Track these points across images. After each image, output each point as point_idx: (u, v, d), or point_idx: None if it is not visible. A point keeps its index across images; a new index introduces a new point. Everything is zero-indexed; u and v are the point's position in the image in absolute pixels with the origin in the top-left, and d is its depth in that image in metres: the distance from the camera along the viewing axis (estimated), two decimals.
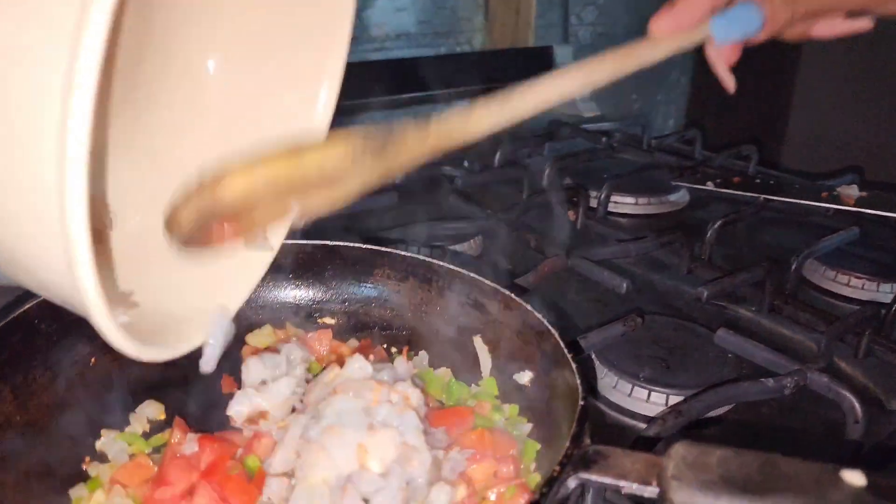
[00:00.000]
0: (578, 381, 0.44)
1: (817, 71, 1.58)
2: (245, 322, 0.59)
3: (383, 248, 0.60)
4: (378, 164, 0.42)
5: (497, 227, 0.92)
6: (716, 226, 0.94)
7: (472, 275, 0.56)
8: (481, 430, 0.47)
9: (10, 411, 0.46)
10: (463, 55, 1.51)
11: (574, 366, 0.46)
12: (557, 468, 0.37)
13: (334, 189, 0.41)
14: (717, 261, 0.93)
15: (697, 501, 0.33)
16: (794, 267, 0.86)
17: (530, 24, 1.55)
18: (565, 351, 0.47)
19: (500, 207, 0.98)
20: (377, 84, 1.21)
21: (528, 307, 0.52)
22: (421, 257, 0.59)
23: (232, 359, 0.57)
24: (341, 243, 0.60)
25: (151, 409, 0.51)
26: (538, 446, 0.48)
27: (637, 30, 0.53)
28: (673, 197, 1.15)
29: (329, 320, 0.61)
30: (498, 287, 0.55)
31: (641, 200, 1.13)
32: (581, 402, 0.42)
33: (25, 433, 0.46)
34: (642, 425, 0.58)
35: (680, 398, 0.60)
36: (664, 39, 0.51)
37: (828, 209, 1.03)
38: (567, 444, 0.39)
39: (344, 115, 0.51)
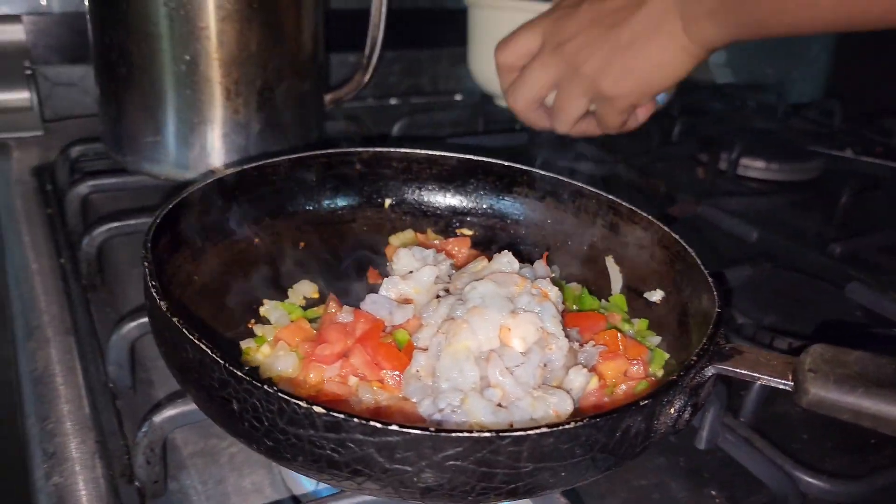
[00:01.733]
0: (715, 294, 0.46)
1: None
2: (389, 225, 0.63)
3: (524, 167, 0.62)
4: None
5: (626, 173, 0.93)
6: (852, 191, 0.92)
7: (609, 196, 0.58)
8: (613, 331, 0.49)
9: (190, 271, 0.51)
10: None
11: (711, 280, 0.47)
12: (695, 358, 0.40)
13: None
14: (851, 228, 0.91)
15: (832, 394, 0.35)
16: None
17: None
18: (702, 268, 0.49)
19: (629, 154, 0.99)
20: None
21: (666, 228, 0.54)
22: (560, 177, 0.61)
23: (377, 258, 0.62)
24: (485, 158, 0.63)
25: (306, 288, 0.56)
26: (667, 356, 0.50)
27: None
28: (807, 164, 1.12)
29: (467, 231, 0.64)
30: (635, 209, 0.57)
31: (773, 165, 1.10)
32: (717, 310, 0.44)
33: (201, 291, 0.51)
34: None
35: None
36: None
37: None
38: (704, 340, 0.41)
39: None
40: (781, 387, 0.37)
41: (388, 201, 0.63)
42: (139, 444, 0.46)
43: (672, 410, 0.38)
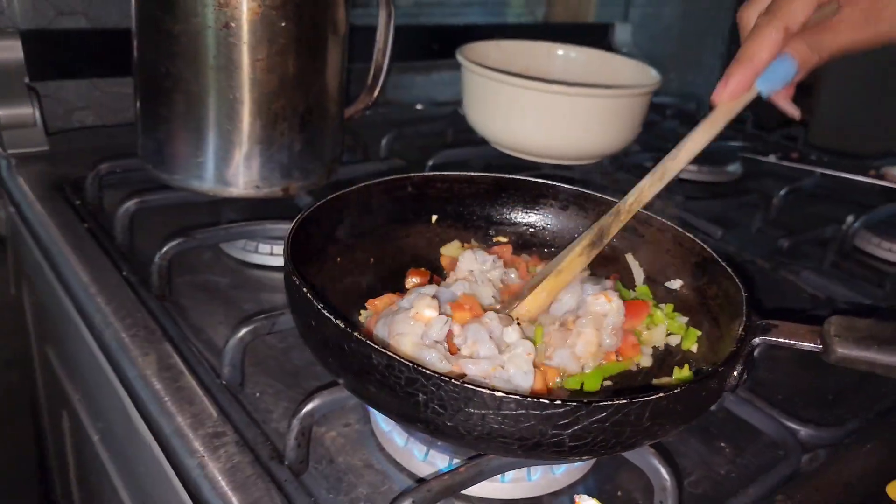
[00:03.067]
0: (737, 280, 0.59)
1: (842, 64, 1.72)
2: (437, 239, 0.74)
3: (549, 182, 0.74)
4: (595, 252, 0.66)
5: (600, 180, 1.07)
6: (782, 192, 1.09)
7: None
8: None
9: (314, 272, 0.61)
10: (523, 26, 1.64)
11: (729, 269, 0.61)
12: (743, 332, 0.53)
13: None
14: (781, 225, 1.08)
15: (853, 352, 0.48)
16: (852, 229, 1.01)
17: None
18: (718, 258, 0.62)
19: (590, 167, 1.13)
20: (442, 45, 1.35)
21: (680, 229, 0.67)
22: (580, 189, 0.73)
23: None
24: (515, 176, 0.74)
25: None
26: (698, 332, 0.63)
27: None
28: (730, 168, 1.30)
29: (502, 239, 0.75)
30: (651, 214, 0.69)
31: (703, 168, 1.28)
32: (745, 293, 0.57)
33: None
34: None
35: None
36: (725, 107, 0.64)
37: (874, 185, 1.18)
38: (743, 319, 0.54)
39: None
40: (813, 349, 0.51)
41: (434, 217, 0.73)
42: (292, 430, 0.54)
43: (735, 374, 0.51)
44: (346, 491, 0.56)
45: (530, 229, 0.75)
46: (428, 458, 0.58)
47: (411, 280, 0.68)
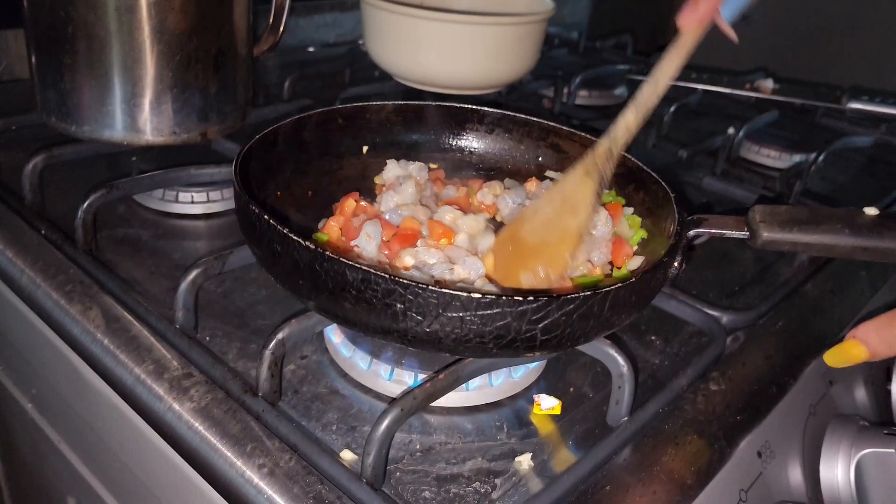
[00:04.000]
0: (663, 183, 0.64)
1: None
2: (370, 170, 0.74)
3: (473, 106, 0.76)
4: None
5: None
6: (671, 109, 1.16)
7: (548, 122, 0.74)
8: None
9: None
10: None
11: (654, 175, 0.65)
12: (678, 226, 0.57)
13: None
14: (672, 140, 1.16)
15: (777, 234, 0.54)
16: (736, 139, 1.10)
17: None
18: (643, 166, 0.67)
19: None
20: None
21: (602, 140, 0.71)
22: (505, 112, 0.76)
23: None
24: (442, 103, 0.76)
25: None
26: (639, 219, 0.67)
27: None
28: (617, 91, 1.37)
29: (433, 165, 0.76)
30: (573, 130, 0.73)
31: (593, 93, 1.33)
32: (673, 194, 0.62)
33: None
34: None
35: None
36: (690, 31, 0.66)
37: (749, 98, 1.27)
38: (675, 215, 0.59)
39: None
40: (741, 236, 0.56)
41: (365, 148, 0.74)
42: (264, 360, 0.55)
43: (675, 264, 0.56)
44: (316, 417, 0.57)
45: (458, 154, 0.77)
46: (394, 377, 0.60)
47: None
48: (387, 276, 0.47)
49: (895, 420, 0.82)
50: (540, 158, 0.76)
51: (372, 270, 0.47)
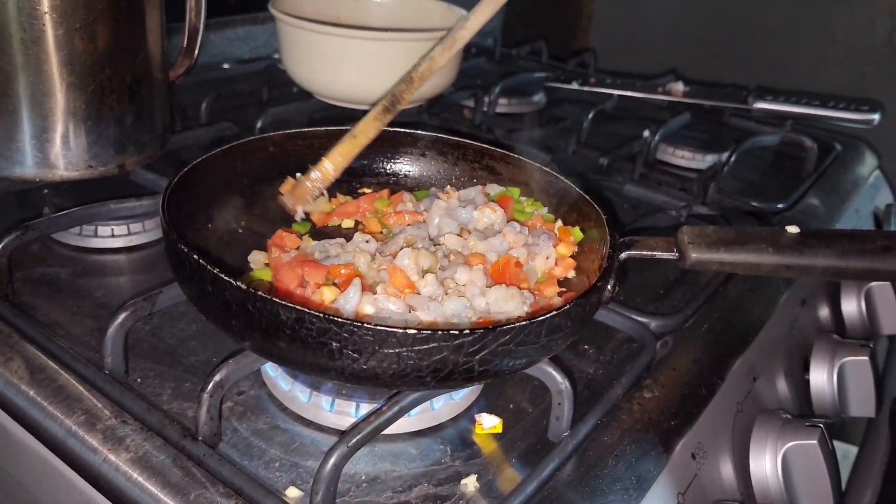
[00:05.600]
0: (596, 206, 0.65)
1: None
2: None
3: (406, 130, 0.76)
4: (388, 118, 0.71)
5: (429, 121, 1.11)
6: (590, 115, 1.19)
7: (482, 145, 0.75)
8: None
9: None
10: None
11: (587, 197, 0.67)
12: (611, 250, 0.59)
13: None
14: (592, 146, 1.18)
15: (705, 255, 0.56)
16: (653, 142, 1.13)
17: None
18: (577, 189, 0.68)
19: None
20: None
21: (537, 164, 0.72)
22: (437, 135, 0.76)
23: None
24: None
25: (259, 256, 0.65)
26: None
27: None
28: (535, 98, 1.39)
29: (367, 190, 0.76)
30: (506, 152, 0.74)
31: (512, 101, 1.35)
32: (605, 216, 0.64)
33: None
34: None
35: None
36: None
37: (662, 101, 1.32)
38: (608, 240, 0.60)
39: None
40: (670, 257, 0.58)
41: (297, 175, 0.73)
42: (203, 404, 0.53)
43: (608, 288, 0.58)
44: (258, 455, 0.57)
45: (393, 178, 0.77)
46: (335, 408, 0.60)
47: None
48: (321, 314, 0.47)
49: (814, 408, 0.86)
50: (475, 181, 0.76)
51: (305, 310, 0.47)
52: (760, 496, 0.70)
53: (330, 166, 0.70)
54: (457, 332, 0.47)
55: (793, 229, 0.57)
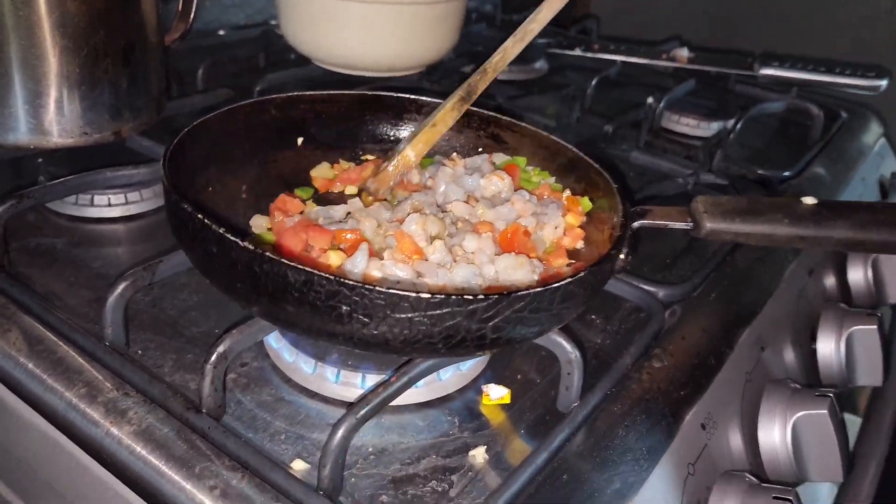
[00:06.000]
0: (606, 175, 0.64)
1: None
2: (305, 162, 0.72)
3: (411, 96, 0.74)
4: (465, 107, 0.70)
5: (430, 86, 1.08)
6: (593, 82, 1.17)
7: (488, 112, 0.73)
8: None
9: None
10: None
11: (597, 165, 0.65)
12: (623, 218, 0.57)
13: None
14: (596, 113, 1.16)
15: (720, 225, 0.55)
16: (658, 109, 1.11)
17: None
18: (584, 157, 0.67)
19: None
20: None
21: (543, 132, 0.70)
22: (441, 101, 0.74)
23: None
24: (377, 92, 0.74)
25: (261, 220, 0.64)
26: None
27: None
28: (537, 65, 1.36)
29: (370, 157, 0.74)
30: (513, 120, 0.72)
31: (513, 67, 1.33)
32: (615, 186, 0.62)
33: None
34: None
35: None
36: None
37: (667, 67, 1.29)
38: (619, 209, 0.59)
39: None
40: (684, 227, 0.57)
41: (299, 139, 0.71)
42: (207, 375, 0.52)
43: (621, 257, 0.56)
44: (263, 428, 0.56)
45: (396, 144, 0.76)
46: (341, 380, 0.59)
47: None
48: (331, 277, 0.45)
49: (822, 378, 0.85)
50: (480, 149, 0.74)
51: (315, 272, 0.45)
52: (769, 466, 0.69)
53: (412, 153, 0.68)
54: (471, 298, 0.46)
55: (809, 200, 0.55)
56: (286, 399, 0.59)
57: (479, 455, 0.56)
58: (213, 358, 0.52)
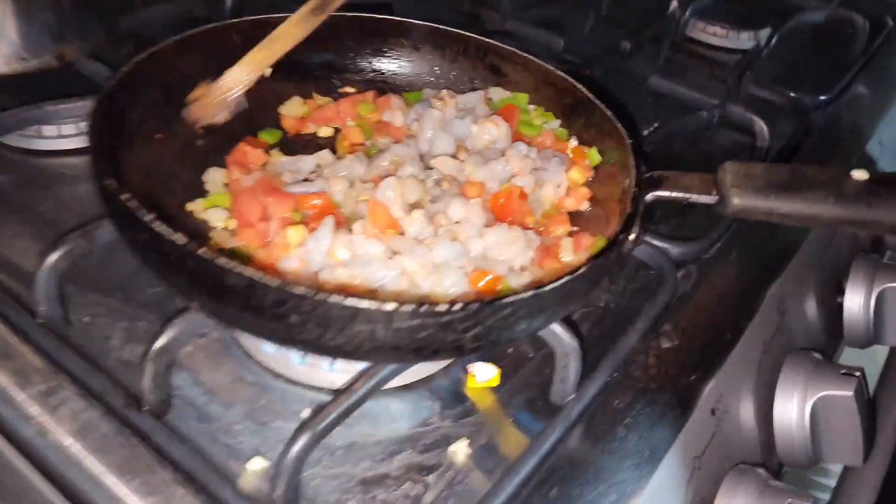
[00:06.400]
0: (620, 126, 0.54)
1: None
2: (273, 96, 0.63)
3: (396, 17, 0.64)
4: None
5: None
6: None
7: (487, 40, 0.63)
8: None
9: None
10: None
11: (609, 113, 0.56)
12: (636, 188, 0.49)
13: None
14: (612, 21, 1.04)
15: (752, 202, 0.46)
16: (683, 19, 0.99)
17: None
18: (595, 101, 0.57)
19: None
20: None
21: (551, 67, 0.60)
22: (434, 24, 0.63)
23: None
24: (356, 14, 0.63)
25: (218, 175, 0.55)
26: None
27: None
28: None
29: (350, 89, 0.65)
30: (515, 50, 0.62)
31: None
32: (629, 140, 0.53)
33: None
34: None
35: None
36: None
37: None
38: (633, 172, 0.50)
39: None
40: (708, 201, 0.48)
41: (267, 71, 0.62)
42: (146, 373, 0.46)
43: (632, 237, 0.48)
44: (218, 416, 0.49)
45: (380, 76, 0.66)
46: (306, 360, 0.52)
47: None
48: (274, 284, 0.38)
49: (845, 335, 0.79)
50: (476, 82, 0.65)
51: (256, 277, 0.38)
52: (782, 445, 0.63)
53: (241, 73, 0.57)
54: (444, 310, 0.38)
55: (860, 174, 0.46)
56: (247, 380, 0.52)
57: (460, 451, 0.50)
58: (153, 352, 0.45)
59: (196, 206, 0.52)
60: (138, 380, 0.46)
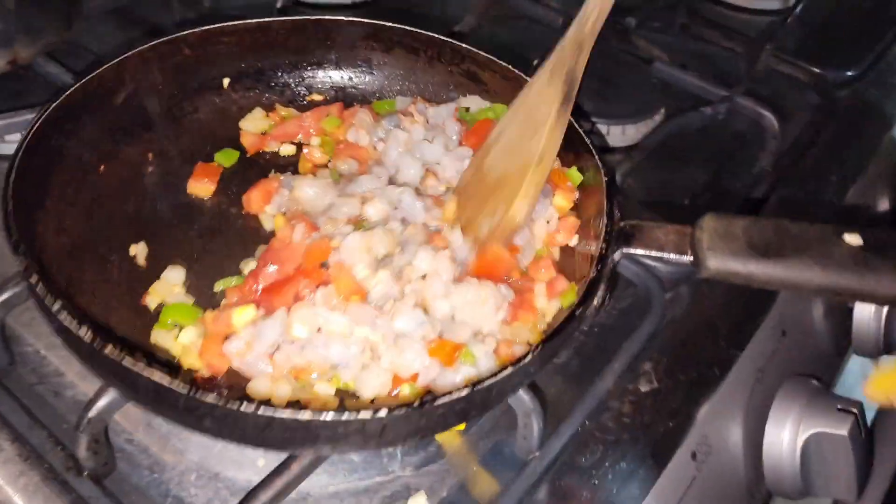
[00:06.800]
0: (597, 159, 0.49)
1: None
2: (234, 109, 0.58)
3: (367, 20, 0.58)
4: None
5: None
6: None
7: (465, 45, 0.57)
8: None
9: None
10: None
11: (587, 140, 0.51)
12: (604, 245, 0.44)
13: None
14: None
15: (728, 266, 0.42)
16: None
17: None
18: (577, 127, 0.52)
19: None
20: None
21: (528, 79, 0.55)
22: (407, 27, 0.58)
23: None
24: (322, 17, 0.58)
25: (175, 275, 0.51)
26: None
27: None
28: None
29: (317, 97, 0.60)
30: (492, 58, 0.56)
31: None
32: (605, 179, 0.48)
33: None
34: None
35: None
36: None
37: None
38: (604, 220, 0.45)
39: None
40: (682, 261, 0.44)
41: (226, 81, 0.57)
42: (80, 440, 0.44)
43: (595, 302, 0.44)
44: (172, 466, 0.48)
45: (349, 81, 0.61)
46: None
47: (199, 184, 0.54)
48: (185, 391, 0.35)
49: (853, 342, 0.74)
50: (452, 88, 0.59)
51: (165, 383, 0.35)
52: (771, 477, 0.60)
53: (521, 210, 0.49)
54: (367, 418, 0.36)
55: (853, 239, 0.41)
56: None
57: None
58: (88, 419, 0.43)
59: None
60: (74, 448, 0.44)
